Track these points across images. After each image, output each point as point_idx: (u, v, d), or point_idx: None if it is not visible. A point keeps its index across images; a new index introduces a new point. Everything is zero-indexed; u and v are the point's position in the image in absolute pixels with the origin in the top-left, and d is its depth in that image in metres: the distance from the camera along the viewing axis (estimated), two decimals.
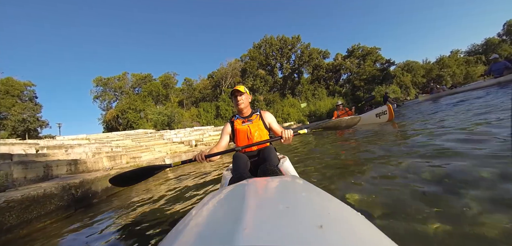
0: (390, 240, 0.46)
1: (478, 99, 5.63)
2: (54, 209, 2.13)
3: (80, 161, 3.21)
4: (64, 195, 2.24)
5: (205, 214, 0.60)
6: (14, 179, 2.24)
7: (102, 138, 11.55)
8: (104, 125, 33.33)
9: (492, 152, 1.80)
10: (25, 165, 2.38)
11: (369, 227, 0.51)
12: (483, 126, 2.68)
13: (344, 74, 44.46)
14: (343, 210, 0.56)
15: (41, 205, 1.93)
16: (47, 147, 4.98)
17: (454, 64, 42.73)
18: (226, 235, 0.43)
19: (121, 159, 4.40)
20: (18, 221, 1.82)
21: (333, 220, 0.49)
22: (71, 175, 2.92)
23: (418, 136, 3.11)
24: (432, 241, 0.99)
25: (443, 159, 1.91)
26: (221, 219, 0.55)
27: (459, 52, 49.00)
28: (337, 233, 0.44)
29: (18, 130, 24.20)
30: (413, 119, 5.26)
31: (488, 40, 47.97)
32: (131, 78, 36.55)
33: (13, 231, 1.82)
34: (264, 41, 41.97)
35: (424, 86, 39.24)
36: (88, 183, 2.51)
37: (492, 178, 1.41)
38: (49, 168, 2.67)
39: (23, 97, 28.13)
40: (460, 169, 1.63)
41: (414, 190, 1.49)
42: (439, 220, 1.10)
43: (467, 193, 1.31)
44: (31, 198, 1.86)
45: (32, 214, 1.83)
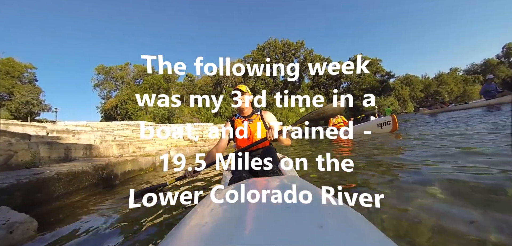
0: (390, 240, 0.46)
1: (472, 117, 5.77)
2: (88, 185, 2.44)
3: (94, 147, 3.44)
4: (96, 174, 2.56)
5: (205, 214, 0.61)
6: (41, 157, 2.48)
7: (103, 127, 11.72)
8: (102, 113, 33.38)
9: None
10: (50, 145, 2.61)
11: (369, 227, 0.51)
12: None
13: (344, 83, 44.95)
14: (343, 210, 0.57)
15: (80, 180, 2.25)
16: (56, 131, 5.19)
17: (452, 82, 43.38)
18: (226, 235, 0.44)
19: (128, 148, 4.63)
20: (64, 191, 2.15)
21: (333, 220, 0.50)
22: (87, 158, 3.15)
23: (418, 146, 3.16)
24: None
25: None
26: (221, 219, 0.55)
27: (458, 70, 49.74)
28: (337, 233, 0.45)
29: (21, 112, 24.18)
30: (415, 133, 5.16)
31: (487, 61, 48.77)
32: (133, 69, 36.53)
33: (60, 200, 2.14)
34: (268, 43, 42.35)
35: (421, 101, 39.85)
36: (111, 165, 2.81)
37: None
38: (68, 150, 2.90)
39: (23, 80, 28.06)
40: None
41: (414, 190, 1.51)
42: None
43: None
44: (73, 173, 2.17)
45: (73, 186, 2.13)
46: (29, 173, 1.97)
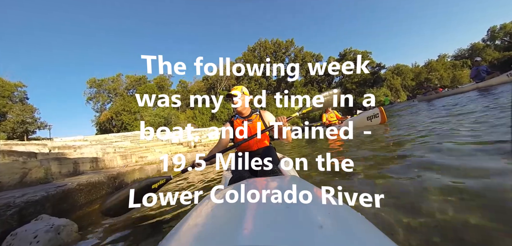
0: (390, 240, 0.46)
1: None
2: (104, 194, 2.67)
3: (99, 159, 3.55)
4: (110, 183, 2.77)
5: (205, 214, 0.62)
6: (52, 173, 2.59)
7: (101, 139, 11.72)
8: (97, 126, 33.13)
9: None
10: (59, 161, 2.73)
11: (369, 227, 0.52)
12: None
13: (337, 77, 45.52)
14: (343, 210, 0.57)
15: (97, 189, 2.44)
16: (57, 147, 5.26)
17: (441, 68, 44.31)
18: (226, 235, 0.44)
19: (131, 158, 4.74)
20: (85, 201, 2.33)
21: (333, 220, 0.50)
22: (94, 170, 3.27)
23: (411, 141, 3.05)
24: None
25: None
26: (221, 219, 0.55)
27: (446, 57, 50.83)
28: (337, 233, 0.45)
29: (17, 132, 23.93)
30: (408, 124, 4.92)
31: (474, 45, 49.98)
32: (125, 80, 36.36)
33: (83, 208, 2.34)
34: (259, 44, 42.61)
35: (413, 89, 40.64)
36: (121, 175, 3.03)
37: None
38: (77, 164, 3.01)
39: (14, 98, 27.63)
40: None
41: (416, 189, 1.51)
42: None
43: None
44: (91, 184, 2.35)
45: (93, 196, 2.31)
46: (54, 186, 2.12)
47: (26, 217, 1.66)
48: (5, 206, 1.57)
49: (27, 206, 1.71)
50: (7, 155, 3.10)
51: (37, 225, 1.45)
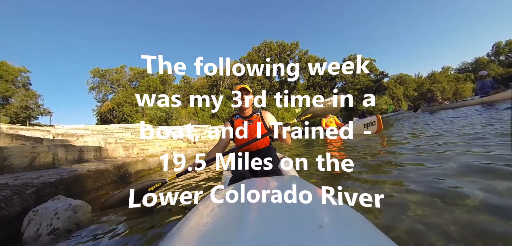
0: (390, 240, 0.46)
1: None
2: (110, 181, 2.80)
3: (103, 149, 3.65)
4: (115, 172, 2.89)
5: (205, 214, 0.61)
6: (59, 158, 2.69)
7: (102, 129, 11.83)
8: (97, 116, 33.27)
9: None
10: (66, 148, 2.82)
11: (369, 227, 0.52)
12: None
13: (339, 83, 45.56)
14: (343, 210, 0.57)
15: (104, 176, 2.56)
16: (61, 134, 5.36)
17: (444, 80, 44.26)
18: (226, 235, 0.44)
19: (132, 149, 4.83)
20: (93, 186, 2.46)
21: (333, 220, 0.50)
22: (98, 159, 3.36)
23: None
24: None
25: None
26: (221, 219, 0.55)
27: (450, 69, 50.76)
28: (337, 233, 0.45)
29: (20, 116, 24.12)
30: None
31: (478, 59, 49.92)
32: (129, 72, 36.49)
33: (91, 194, 2.46)
34: (264, 45, 42.68)
35: (414, 99, 40.62)
36: (126, 165, 3.14)
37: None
38: (82, 152, 3.10)
39: (17, 83, 27.78)
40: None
41: (416, 190, 1.50)
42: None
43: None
44: (99, 171, 2.47)
45: (100, 182, 2.42)
46: (67, 170, 2.24)
47: (42, 197, 1.80)
48: (24, 186, 1.70)
49: (44, 187, 1.86)
50: (15, 138, 3.20)
51: (56, 204, 1.60)
